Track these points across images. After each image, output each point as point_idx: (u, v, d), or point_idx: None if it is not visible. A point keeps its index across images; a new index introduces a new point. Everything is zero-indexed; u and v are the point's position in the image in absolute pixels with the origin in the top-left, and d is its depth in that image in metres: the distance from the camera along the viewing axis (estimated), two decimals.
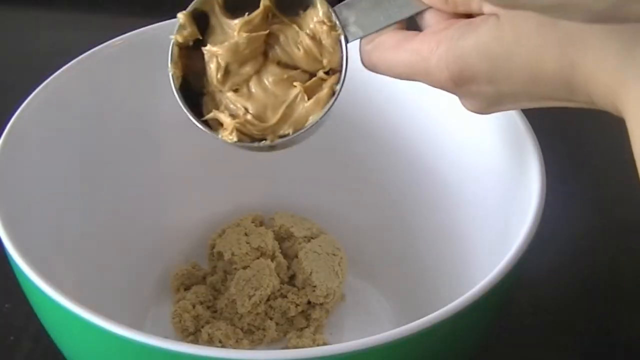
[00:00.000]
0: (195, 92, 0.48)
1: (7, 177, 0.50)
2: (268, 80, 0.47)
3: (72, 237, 0.55)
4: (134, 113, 0.61)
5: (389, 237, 0.63)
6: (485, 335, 0.50)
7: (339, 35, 0.45)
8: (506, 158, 0.53)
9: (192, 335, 0.58)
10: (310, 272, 0.59)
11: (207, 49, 0.46)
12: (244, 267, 0.59)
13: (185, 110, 0.47)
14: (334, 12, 0.45)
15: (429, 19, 0.42)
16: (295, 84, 0.46)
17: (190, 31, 0.47)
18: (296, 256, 0.61)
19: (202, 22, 0.47)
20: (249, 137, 0.47)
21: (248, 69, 0.47)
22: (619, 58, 0.33)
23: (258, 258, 0.60)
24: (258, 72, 0.47)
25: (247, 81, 0.47)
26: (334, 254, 0.61)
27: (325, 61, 0.46)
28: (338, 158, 0.64)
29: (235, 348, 0.57)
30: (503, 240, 0.49)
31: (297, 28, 0.46)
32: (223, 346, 0.57)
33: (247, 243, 0.61)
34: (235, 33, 0.46)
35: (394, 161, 0.62)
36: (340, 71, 0.46)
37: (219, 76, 0.46)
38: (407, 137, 0.61)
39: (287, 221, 0.63)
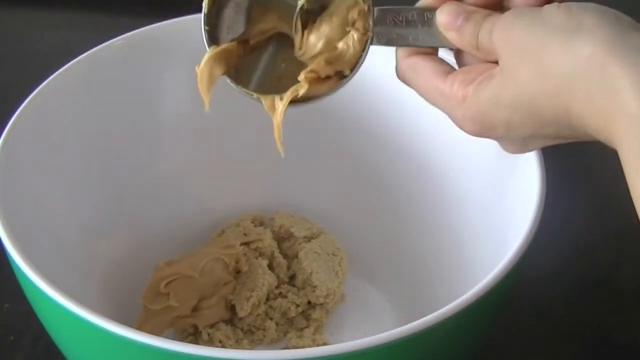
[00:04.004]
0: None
1: (7, 177, 0.50)
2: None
3: (72, 237, 0.55)
4: (134, 113, 0.61)
5: (389, 237, 0.63)
6: (485, 335, 0.50)
7: (368, 35, 0.45)
8: (506, 159, 0.53)
9: (192, 335, 0.58)
10: (311, 272, 0.59)
11: None
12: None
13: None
14: (372, 11, 0.45)
15: (466, 56, 0.44)
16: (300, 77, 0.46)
17: None
18: (296, 256, 0.61)
19: None
20: None
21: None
22: (605, 99, 0.36)
23: (256, 258, 0.60)
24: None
25: None
26: (334, 254, 0.61)
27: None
28: (338, 158, 0.64)
29: (235, 348, 0.57)
30: (503, 241, 0.49)
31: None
32: (223, 346, 0.57)
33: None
34: None
35: (394, 162, 0.62)
36: (353, 69, 0.46)
37: None
38: (408, 139, 0.61)
39: (287, 221, 0.63)
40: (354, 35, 0.45)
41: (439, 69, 0.44)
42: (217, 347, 0.56)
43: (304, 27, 0.47)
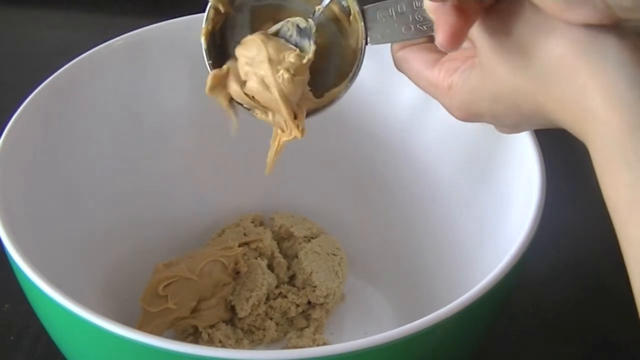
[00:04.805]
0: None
1: (7, 177, 0.50)
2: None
3: (72, 237, 0.55)
4: (134, 113, 0.61)
5: (389, 237, 0.63)
6: (485, 335, 0.50)
7: (363, 38, 0.46)
8: (506, 158, 0.53)
9: (192, 335, 0.58)
10: (311, 272, 0.59)
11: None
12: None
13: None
14: (362, 13, 0.46)
15: None
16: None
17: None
18: (296, 256, 0.61)
19: None
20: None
21: None
22: (575, 102, 0.36)
23: (256, 258, 0.60)
24: None
25: None
26: (334, 254, 0.61)
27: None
28: (338, 158, 0.64)
29: (235, 348, 0.57)
30: (503, 241, 0.49)
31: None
32: (223, 346, 0.57)
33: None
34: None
35: (394, 161, 0.62)
36: (353, 72, 0.47)
37: None
38: (407, 138, 0.61)
39: (287, 221, 0.63)
40: (283, 75, 0.46)
41: (428, 59, 0.45)
42: (217, 347, 0.56)
43: None
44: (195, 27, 0.61)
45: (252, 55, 0.46)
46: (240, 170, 0.64)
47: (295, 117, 0.47)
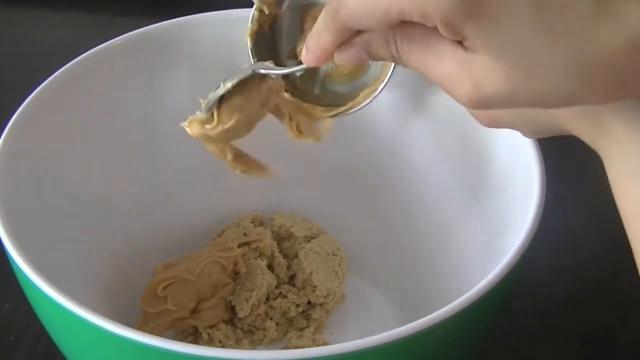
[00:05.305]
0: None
1: (7, 177, 0.50)
2: None
3: (72, 238, 0.55)
4: (134, 113, 0.61)
5: (390, 237, 0.63)
6: (485, 335, 0.50)
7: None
8: (506, 158, 0.53)
9: (192, 335, 0.58)
10: (311, 272, 0.59)
11: None
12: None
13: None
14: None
15: None
16: None
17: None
18: (296, 256, 0.61)
19: None
20: None
21: None
22: (591, 122, 0.39)
23: (256, 258, 0.60)
24: None
25: None
26: (334, 254, 0.61)
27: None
28: (338, 159, 0.64)
29: (235, 348, 0.57)
30: (503, 241, 0.49)
31: None
32: (223, 346, 0.57)
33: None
34: None
35: (394, 161, 0.62)
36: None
37: None
38: (407, 137, 0.61)
39: (287, 221, 0.63)
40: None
41: None
42: (217, 347, 0.56)
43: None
44: (195, 27, 0.61)
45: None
46: None
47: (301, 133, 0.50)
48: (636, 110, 0.37)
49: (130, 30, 0.60)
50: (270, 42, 0.49)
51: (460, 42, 0.35)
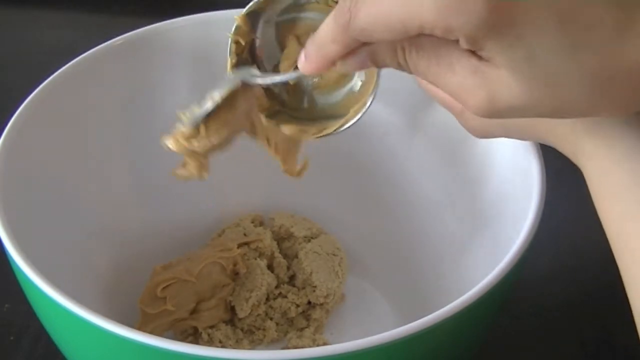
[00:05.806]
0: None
1: (7, 177, 0.50)
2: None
3: (72, 237, 0.55)
4: (134, 113, 0.61)
5: (389, 237, 0.63)
6: (485, 335, 0.50)
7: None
8: (506, 158, 0.53)
9: (192, 335, 0.58)
10: (311, 272, 0.59)
11: None
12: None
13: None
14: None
15: None
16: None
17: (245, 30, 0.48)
18: (296, 256, 0.61)
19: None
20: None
21: None
22: (568, 141, 0.41)
23: (256, 259, 0.60)
24: None
25: None
26: (334, 254, 0.61)
27: None
28: (338, 159, 0.64)
29: (235, 348, 0.57)
30: (503, 240, 0.49)
31: None
32: (223, 346, 0.57)
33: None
34: None
35: (394, 161, 0.62)
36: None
37: None
38: (407, 138, 0.61)
39: (287, 221, 0.63)
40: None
41: None
42: (217, 347, 0.56)
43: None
44: (195, 27, 0.61)
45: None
46: (240, 171, 0.64)
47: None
48: (609, 129, 0.38)
49: (130, 30, 0.60)
50: (250, 64, 0.49)
51: (473, 51, 0.34)
